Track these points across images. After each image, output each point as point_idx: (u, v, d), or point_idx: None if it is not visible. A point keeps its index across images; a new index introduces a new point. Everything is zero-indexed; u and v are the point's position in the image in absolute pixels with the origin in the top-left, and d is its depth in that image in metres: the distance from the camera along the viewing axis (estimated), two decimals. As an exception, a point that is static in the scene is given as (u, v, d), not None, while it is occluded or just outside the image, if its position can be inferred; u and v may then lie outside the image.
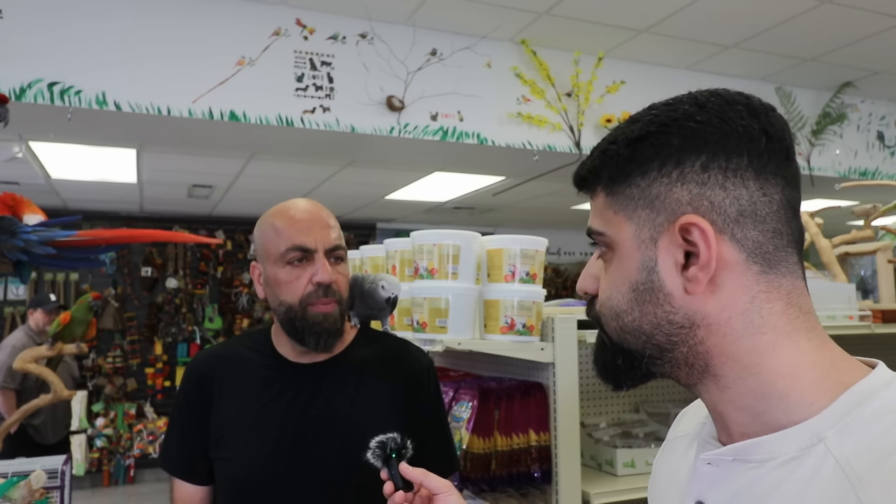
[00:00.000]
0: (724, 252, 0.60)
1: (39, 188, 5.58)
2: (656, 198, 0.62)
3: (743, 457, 0.60)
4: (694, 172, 0.61)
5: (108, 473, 6.75)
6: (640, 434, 2.27)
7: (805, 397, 0.59)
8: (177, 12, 3.31)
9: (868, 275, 3.02)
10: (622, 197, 0.65)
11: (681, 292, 0.61)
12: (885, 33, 3.89)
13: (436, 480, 1.03)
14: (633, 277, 0.64)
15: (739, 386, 0.61)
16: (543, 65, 3.99)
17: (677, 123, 0.62)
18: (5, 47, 3.02)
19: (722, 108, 0.62)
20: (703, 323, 0.61)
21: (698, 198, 0.61)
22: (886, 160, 5.16)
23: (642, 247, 0.63)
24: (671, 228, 0.61)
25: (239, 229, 7.50)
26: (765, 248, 0.60)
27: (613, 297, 0.66)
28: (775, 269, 0.61)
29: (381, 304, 1.53)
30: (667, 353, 0.64)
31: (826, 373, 0.59)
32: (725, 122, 0.61)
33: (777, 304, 0.60)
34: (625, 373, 0.67)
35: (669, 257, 0.62)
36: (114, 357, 6.95)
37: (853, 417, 0.56)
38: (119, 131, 3.65)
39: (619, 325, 0.66)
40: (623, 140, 0.65)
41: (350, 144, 3.91)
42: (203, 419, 1.32)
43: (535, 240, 1.85)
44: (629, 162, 0.64)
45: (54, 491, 2.03)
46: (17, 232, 1.78)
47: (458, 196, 6.15)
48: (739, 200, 0.60)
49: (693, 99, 0.63)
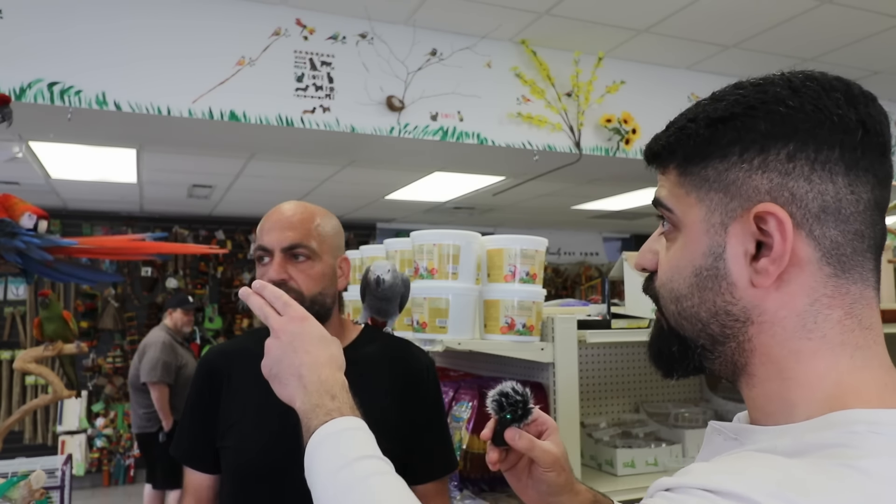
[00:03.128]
0: (799, 248, 0.57)
1: (39, 188, 5.58)
2: (732, 183, 0.59)
3: (740, 438, 0.61)
4: (779, 161, 0.57)
5: (108, 473, 6.76)
6: (640, 434, 2.27)
7: (808, 410, 0.57)
8: (177, 12, 3.31)
9: (868, 275, 3.02)
10: (696, 178, 0.61)
11: (745, 283, 0.59)
12: (885, 33, 3.89)
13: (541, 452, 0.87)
14: (697, 262, 0.61)
15: (764, 387, 0.60)
16: (543, 65, 3.99)
17: (766, 107, 0.58)
18: (5, 47, 3.02)
19: (818, 94, 0.57)
20: (758, 320, 0.59)
21: (779, 188, 0.57)
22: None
23: (711, 231, 0.60)
24: (745, 215, 0.58)
25: (239, 229, 7.50)
26: (842, 250, 0.57)
27: (675, 279, 0.63)
28: (848, 273, 0.57)
29: (373, 289, 1.55)
30: (718, 347, 0.62)
31: (844, 394, 0.56)
32: (820, 109, 0.56)
33: (836, 311, 0.57)
34: (678, 361, 0.65)
35: (740, 245, 0.59)
36: (114, 357, 6.95)
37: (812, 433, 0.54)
38: (119, 131, 3.65)
39: (677, 308, 0.63)
40: (704, 119, 0.61)
41: (350, 144, 3.91)
42: (212, 410, 1.38)
43: (535, 240, 1.85)
44: (708, 143, 0.60)
45: (54, 491, 2.03)
46: (17, 234, 1.77)
47: (458, 196, 6.15)
48: (824, 195, 0.56)
49: (787, 81, 0.59)
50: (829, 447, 0.51)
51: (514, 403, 0.89)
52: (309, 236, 1.35)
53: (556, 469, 0.88)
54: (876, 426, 0.52)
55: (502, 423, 0.89)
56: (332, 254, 1.39)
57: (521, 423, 0.89)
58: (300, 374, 0.84)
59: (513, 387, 0.91)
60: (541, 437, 0.90)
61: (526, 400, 0.90)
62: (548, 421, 0.93)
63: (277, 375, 0.87)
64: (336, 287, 1.41)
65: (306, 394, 0.82)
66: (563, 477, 0.89)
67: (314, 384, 0.82)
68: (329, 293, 1.38)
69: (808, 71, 0.60)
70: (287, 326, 0.88)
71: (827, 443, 0.52)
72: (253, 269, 7.51)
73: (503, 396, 0.90)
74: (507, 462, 0.91)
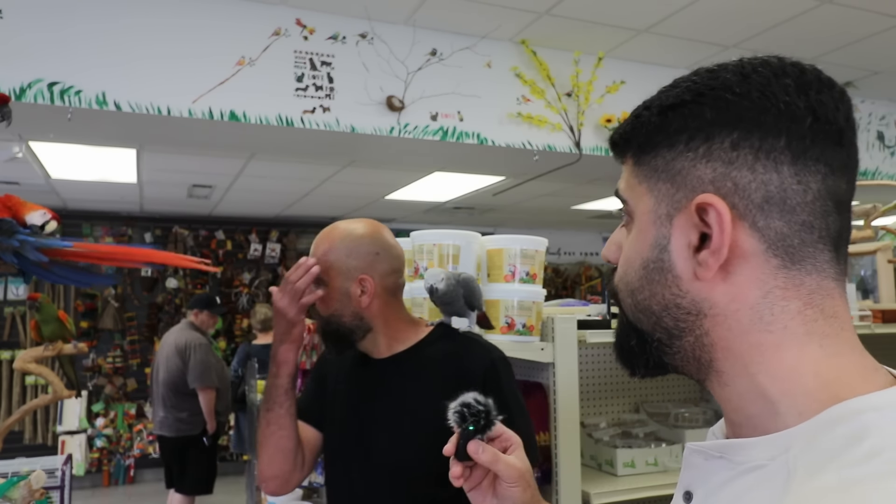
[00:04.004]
0: (742, 239, 0.55)
1: (39, 188, 5.58)
2: (678, 172, 0.58)
3: (727, 455, 0.58)
4: (722, 150, 0.56)
5: (108, 473, 6.76)
6: (640, 434, 2.27)
7: (795, 406, 0.54)
8: (177, 12, 3.31)
9: (868, 275, 3.02)
10: (647, 168, 0.61)
11: (690, 276, 0.57)
12: (885, 33, 3.89)
13: (504, 467, 0.86)
14: (645, 254, 0.60)
15: (736, 384, 0.58)
16: (543, 65, 3.99)
17: (714, 94, 0.56)
18: (5, 47, 3.02)
19: (767, 79, 0.56)
20: (710, 312, 0.57)
21: (722, 177, 0.56)
22: (886, 160, 5.16)
23: (658, 222, 0.59)
24: (689, 206, 0.57)
25: (239, 229, 7.49)
26: (789, 242, 0.55)
27: (628, 272, 0.63)
28: (799, 265, 0.55)
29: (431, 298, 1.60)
30: (675, 341, 0.60)
31: (827, 384, 0.54)
32: (767, 96, 0.55)
33: (794, 303, 0.55)
34: (638, 356, 0.63)
35: (683, 237, 0.58)
36: (114, 357, 6.95)
37: (823, 434, 0.51)
38: (119, 131, 3.65)
39: (633, 301, 0.62)
40: (657, 107, 0.60)
41: (350, 144, 3.91)
42: (320, 389, 1.59)
43: (535, 240, 1.85)
44: (658, 131, 0.59)
45: (54, 491, 2.03)
46: (15, 233, 1.77)
47: (458, 196, 6.15)
48: (768, 185, 0.55)
49: (739, 67, 0.57)
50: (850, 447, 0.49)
51: (476, 414, 0.87)
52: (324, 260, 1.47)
53: (521, 484, 0.87)
54: (884, 411, 0.50)
55: (465, 437, 0.86)
56: (345, 276, 1.44)
57: (484, 433, 0.87)
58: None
59: (475, 397, 0.89)
60: (505, 453, 0.89)
61: (489, 410, 0.88)
62: (512, 437, 0.91)
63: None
64: (355, 306, 1.44)
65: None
66: (529, 493, 0.88)
67: None
68: (345, 313, 1.45)
69: (767, 56, 0.58)
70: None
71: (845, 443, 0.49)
72: (252, 269, 7.52)
73: (465, 407, 0.88)
74: (470, 480, 0.89)
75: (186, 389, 4.67)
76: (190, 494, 4.78)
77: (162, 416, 4.73)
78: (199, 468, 4.71)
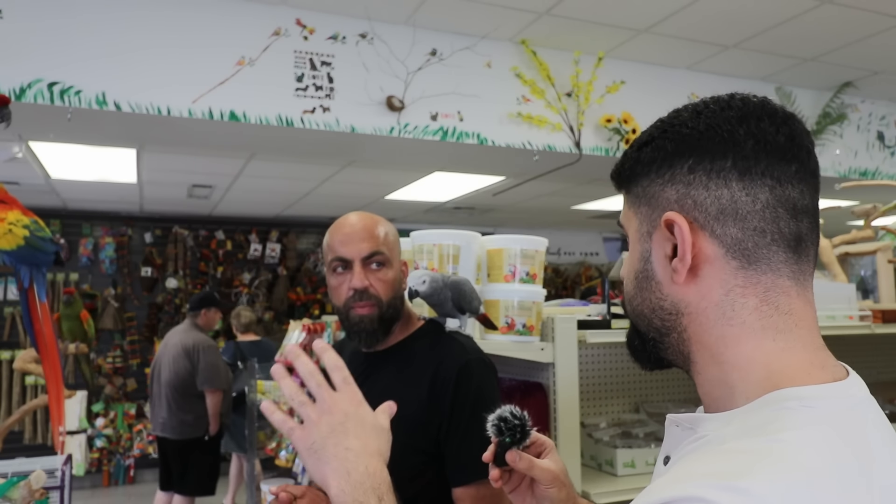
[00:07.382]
0: (705, 246, 0.66)
1: (39, 188, 5.58)
2: (652, 196, 0.70)
3: (694, 427, 0.67)
4: (682, 174, 0.67)
5: (108, 473, 6.76)
6: (640, 434, 2.27)
7: (745, 392, 0.64)
8: (177, 12, 3.31)
9: (868, 275, 3.02)
10: (632, 196, 0.73)
11: (668, 281, 0.68)
12: (885, 33, 3.89)
13: (540, 472, 0.93)
14: (636, 267, 0.72)
15: (707, 372, 0.68)
16: (543, 65, 3.99)
17: (674, 130, 0.69)
18: (5, 47, 3.02)
19: (714, 113, 0.67)
20: (686, 311, 0.68)
21: (684, 196, 0.67)
22: (886, 160, 5.16)
23: (642, 239, 0.71)
24: (661, 223, 0.68)
25: (239, 229, 7.49)
26: (744, 245, 0.65)
27: (627, 284, 0.74)
28: (755, 265, 0.65)
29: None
30: (664, 338, 0.70)
31: (771, 375, 0.63)
32: (712, 128, 0.66)
33: (751, 300, 0.65)
34: (641, 353, 0.74)
35: (660, 249, 0.69)
36: (114, 357, 6.95)
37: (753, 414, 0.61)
38: (119, 131, 3.65)
39: (631, 308, 0.74)
40: (636, 144, 0.72)
41: (350, 144, 3.91)
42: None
43: (535, 240, 1.85)
44: (637, 164, 0.71)
45: (54, 491, 2.03)
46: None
47: (458, 196, 6.15)
48: (720, 199, 0.65)
49: (695, 106, 0.70)
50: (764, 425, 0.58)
51: (512, 427, 0.94)
52: (382, 244, 1.46)
53: (556, 485, 0.94)
54: (806, 401, 0.59)
55: (502, 446, 0.94)
56: (398, 259, 1.49)
57: (520, 444, 0.94)
58: (346, 457, 0.80)
59: (511, 411, 0.95)
60: (540, 457, 0.96)
61: (524, 423, 0.95)
62: (546, 441, 0.99)
63: (319, 451, 0.81)
64: (402, 290, 1.51)
65: (348, 482, 0.78)
66: (564, 492, 0.95)
67: (360, 474, 0.79)
68: (399, 296, 1.49)
69: (719, 96, 0.70)
70: (341, 404, 0.84)
71: (762, 422, 0.59)
72: (252, 269, 7.51)
73: (502, 421, 0.95)
74: (510, 483, 0.97)
75: (193, 391, 4.61)
76: (193, 495, 4.74)
77: (164, 417, 4.64)
78: (202, 469, 4.68)
